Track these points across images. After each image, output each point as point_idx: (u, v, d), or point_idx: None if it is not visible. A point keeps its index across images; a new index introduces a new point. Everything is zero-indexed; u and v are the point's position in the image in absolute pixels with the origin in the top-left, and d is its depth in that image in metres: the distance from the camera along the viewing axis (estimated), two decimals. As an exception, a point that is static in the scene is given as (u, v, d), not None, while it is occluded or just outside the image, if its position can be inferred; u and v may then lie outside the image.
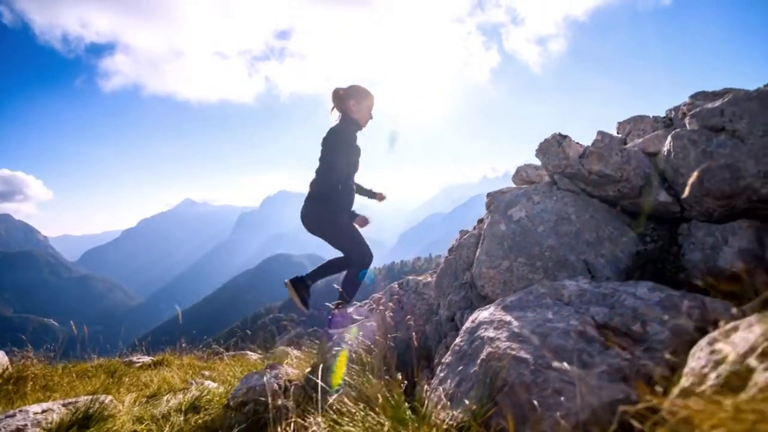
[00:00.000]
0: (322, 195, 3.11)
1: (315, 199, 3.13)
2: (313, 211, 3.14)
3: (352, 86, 3.19)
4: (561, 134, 2.82)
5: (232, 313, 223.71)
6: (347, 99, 3.14)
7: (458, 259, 3.03)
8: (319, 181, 3.13)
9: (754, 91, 2.20)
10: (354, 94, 3.14)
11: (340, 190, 3.09)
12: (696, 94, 2.85)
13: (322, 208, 3.11)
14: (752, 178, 2.05)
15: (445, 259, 3.23)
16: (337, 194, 3.11)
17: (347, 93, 3.15)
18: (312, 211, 3.14)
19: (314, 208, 3.13)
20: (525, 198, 2.64)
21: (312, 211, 3.14)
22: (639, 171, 2.48)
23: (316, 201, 3.12)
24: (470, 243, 2.98)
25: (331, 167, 3.04)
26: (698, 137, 2.27)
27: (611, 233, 2.48)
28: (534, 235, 2.44)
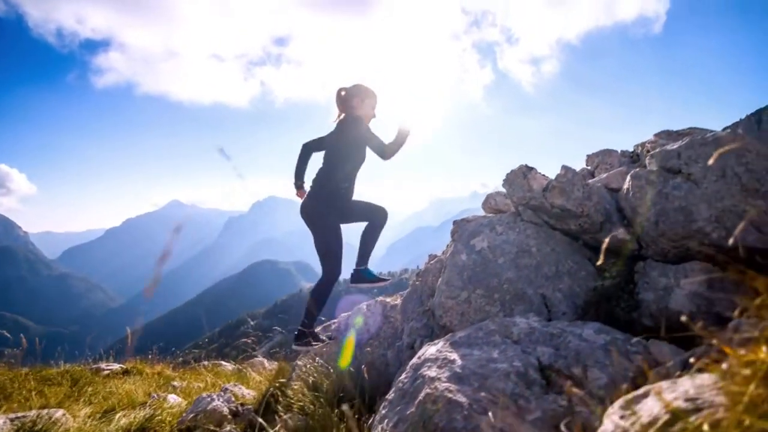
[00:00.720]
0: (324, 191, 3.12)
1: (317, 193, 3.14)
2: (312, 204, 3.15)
3: (356, 85, 3.21)
4: (527, 166, 2.85)
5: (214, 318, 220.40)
6: (351, 98, 3.16)
7: (424, 284, 3.03)
8: (323, 177, 3.14)
9: (710, 135, 2.26)
10: (358, 93, 3.16)
11: (343, 189, 3.11)
12: (660, 132, 2.92)
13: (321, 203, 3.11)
14: (704, 222, 2.09)
15: (412, 284, 3.22)
16: (339, 192, 3.12)
17: (350, 92, 3.18)
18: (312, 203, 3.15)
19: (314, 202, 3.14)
20: (488, 228, 2.66)
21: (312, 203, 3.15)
22: (599, 207, 2.51)
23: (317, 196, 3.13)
24: (436, 269, 2.98)
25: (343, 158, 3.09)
26: (656, 178, 2.31)
27: (571, 267, 2.50)
28: (494, 266, 2.45)
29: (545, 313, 2.30)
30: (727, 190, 2.07)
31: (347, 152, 3.08)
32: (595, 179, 2.90)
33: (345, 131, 3.09)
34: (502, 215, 2.79)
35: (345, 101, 3.18)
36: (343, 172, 3.10)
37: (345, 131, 3.09)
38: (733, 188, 2.06)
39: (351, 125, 3.06)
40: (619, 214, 2.51)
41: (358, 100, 3.15)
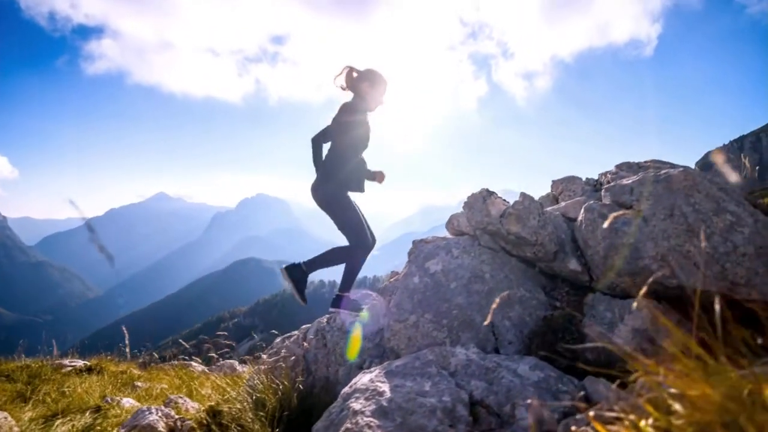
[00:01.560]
0: (330, 169, 3.13)
1: (323, 173, 3.15)
2: (320, 185, 3.15)
3: (368, 69, 3.21)
4: (488, 190, 2.84)
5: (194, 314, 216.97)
6: (361, 81, 3.16)
7: (381, 303, 2.99)
8: (328, 155, 3.16)
9: (663, 173, 2.28)
10: (369, 77, 3.17)
11: (347, 163, 3.11)
12: (621, 164, 2.94)
13: (329, 183, 3.12)
14: (650, 259, 2.10)
15: (370, 303, 3.18)
16: (345, 168, 3.12)
17: (362, 75, 3.18)
18: (320, 184, 3.16)
19: (322, 182, 3.15)
20: (445, 251, 2.64)
21: (320, 185, 3.16)
22: (553, 237, 2.51)
23: (324, 175, 3.14)
24: (395, 288, 2.95)
25: (343, 141, 3.10)
26: (608, 212, 2.32)
27: (522, 295, 2.49)
28: (445, 291, 2.43)
29: (492, 341, 2.28)
30: (673, 230, 2.09)
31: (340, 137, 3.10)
32: (554, 207, 2.91)
33: (335, 117, 3.11)
34: (460, 238, 2.78)
35: (355, 83, 3.18)
36: (344, 157, 3.10)
37: (335, 117, 3.11)
38: (680, 228, 2.08)
39: (340, 111, 3.07)
40: (574, 244, 2.52)
41: (368, 84, 3.16)
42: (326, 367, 3.30)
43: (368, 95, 3.17)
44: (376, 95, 3.20)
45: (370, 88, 3.16)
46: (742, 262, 1.96)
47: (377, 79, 3.18)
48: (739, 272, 1.94)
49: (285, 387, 2.74)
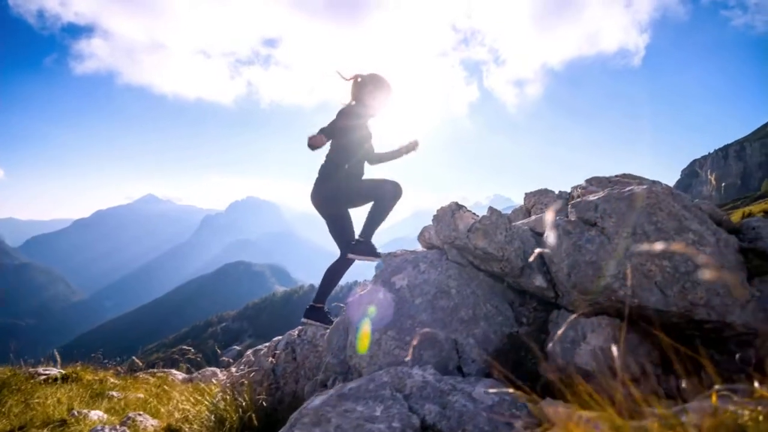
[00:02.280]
0: (327, 173, 3.12)
1: (323, 184, 3.14)
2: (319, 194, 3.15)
3: (373, 74, 3.20)
4: (457, 204, 2.82)
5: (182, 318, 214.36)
6: (365, 85, 3.16)
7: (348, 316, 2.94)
8: (327, 160, 3.15)
9: (627, 190, 2.27)
10: (372, 82, 3.17)
11: (346, 169, 3.10)
12: (591, 178, 2.93)
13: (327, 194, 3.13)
14: (612, 278, 2.08)
15: (341, 315, 3.13)
16: (343, 174, 3.11)
17: (365, 80, 3.17)
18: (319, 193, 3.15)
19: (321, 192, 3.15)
20: (412, 265, 2.60)
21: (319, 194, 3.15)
22: (520, 252, 2.49)
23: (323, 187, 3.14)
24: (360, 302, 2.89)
25: (340, 146, 3.10)
26: (573, 229, 2.30)
27: (488, 311, 2.46)
28: (410, 307, 2.39)
29: (455, 359, 2.24)
30: (635, 247, 2.07)
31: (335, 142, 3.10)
32: (523, 221, 2.89)
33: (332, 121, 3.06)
34: (428, 252, 2.74)
35: (358, 88, 3.17)
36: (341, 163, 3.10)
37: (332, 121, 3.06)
38: (642, 247, 2.06)
39: (337, 116, 3.04)
40: (541, 260, 2.49)
41: (371, 89, 3.15)
42: (295, 382, 3.24)
43: (371, 100, 3.17)
44: (379, 100, 3.20)
45: (373, 92, 3.16)
46: (701, 282, 1.94)
47: (381, 85, 3.18)
48: (698, 292, 1.92)
49: (247, 404, 2.67)
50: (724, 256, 2.03)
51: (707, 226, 2.17)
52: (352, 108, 3.12)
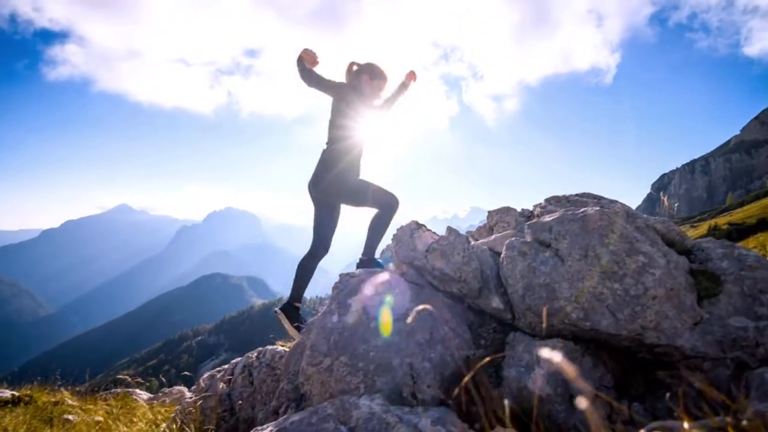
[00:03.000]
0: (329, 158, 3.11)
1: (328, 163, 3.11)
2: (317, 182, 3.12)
3: (369, 63, 3.25)
4: (417, 223, 2.78)
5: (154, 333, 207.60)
6: (361, 73, 3.21)
7: (308, 339, 2.84)
8: (331, 146, 3.15)
9: (581, 212, 2.27)
10: (368, 71, 3.21)
11: (345, 151, 3.10)
12: (550, 197, 2.94)
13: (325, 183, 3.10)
14: (565, 301, 2.06)
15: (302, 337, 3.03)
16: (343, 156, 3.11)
17: (362, 68, 3.23)
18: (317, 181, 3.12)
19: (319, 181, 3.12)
20: (369, 286, 2.53)
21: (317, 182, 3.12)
22: (477, 273, 2.45)
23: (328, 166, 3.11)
24: (312, 326, 2.80)
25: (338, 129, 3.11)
26: (528, 250, 2.29)
27: (446, 334, 2.40)
28: (365, 331, 2.31)
29: (410, 385, 2.17)
30: (587, 271, 2.06)
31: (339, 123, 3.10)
32: (483, 241, 2.87)
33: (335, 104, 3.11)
34: (387, 272, 2.68)
35: (354, 76, 3.22)
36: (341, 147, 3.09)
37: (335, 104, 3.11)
38: (594, 269, 2.05)
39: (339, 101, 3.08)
40: (498, 281, 2.46)
41: (367, 77, 3.19)
42: (251, 408, 3.10)
43: (366, 88, 3.21)
44: (374, 89, 3.24)
45: (369, 80, 3.20)
46: (652, 305, 1.94)
47: (376, 73, 3.22)
48: (648, 316, 1.92)
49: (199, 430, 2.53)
50: (675, 278, 2.04)
51: (658, 248, 2.18)
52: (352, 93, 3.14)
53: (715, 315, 2.00)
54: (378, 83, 3.23)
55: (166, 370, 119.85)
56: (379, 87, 3.26)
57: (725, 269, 2.14)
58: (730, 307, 2.01)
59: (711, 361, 1.86)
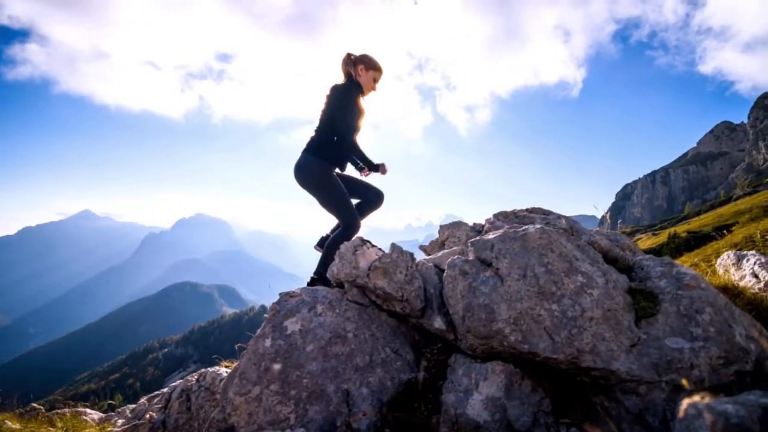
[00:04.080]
0: (318, 146, 3.14)
1: (311, 150, 3.14)
2: (307, 164, 3.13)
3: (365, 54, 3.29)
4: (361, 239, 2.68)
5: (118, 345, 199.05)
6: (357, 63, 3.25)
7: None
8: (318, 134, 3.19)
9: (521, 230, 2.22)
10: (364, 61, 3.26)
11: (336, 141, 3.13)
12: (498, 213, 2.90)
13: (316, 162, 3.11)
14: (503, 323, 1.99)
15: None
16: (334, 146, 3.13)
17: (358, 58, 3.27)
18: (307, 163, 3.13)
19: (309, 160, 3.13)
20: (308, 307, 2.40)
21: (307, 164, 3.13)
22: (420, 292, 2.37)
23: (312, 152, 3.14)
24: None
25: (332, 120, 3.14)
26: (469, 269, 2.22)
27: (387, 356, 2.30)
28: (300, 355, 2.18)
29: (345, 413, 2.05)
30: (525, 291, 2.00)
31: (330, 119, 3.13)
32: (429, 257, 2.80)
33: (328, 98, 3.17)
34: (329, 291, 2.56)
35: (351, 65, 3.27)
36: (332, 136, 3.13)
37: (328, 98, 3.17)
38: (531, 290, 2.00)
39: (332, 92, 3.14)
40: (443, 299, 2.38)
41: (362, 67, 3.25)
42: (187, 435, 2.90)
43: (362, 78, 3.26)
44: (368, 80, 3.28)
45: (365, 71, 3.25)
46: (589, 327, 1.90)
47: (372, 64, 3.28)
48: (585, 338, 1.87)
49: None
50: (613, 298, 2.01)
51: (598, 267, 2.15)
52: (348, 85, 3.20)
53: (653, 335, 1.98)
54: (373, 74, 3.29)
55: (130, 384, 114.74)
56: (375, 78, 3.31)
57: (663, 288, 2.13)
58: (667, 327, 1.99)
59: (646, 384, 1.82)
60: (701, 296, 2.06)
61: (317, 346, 2.22)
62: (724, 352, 1.89)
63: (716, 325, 1.95)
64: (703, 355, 1.86)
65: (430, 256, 2.94)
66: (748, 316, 2.12)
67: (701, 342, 1.92)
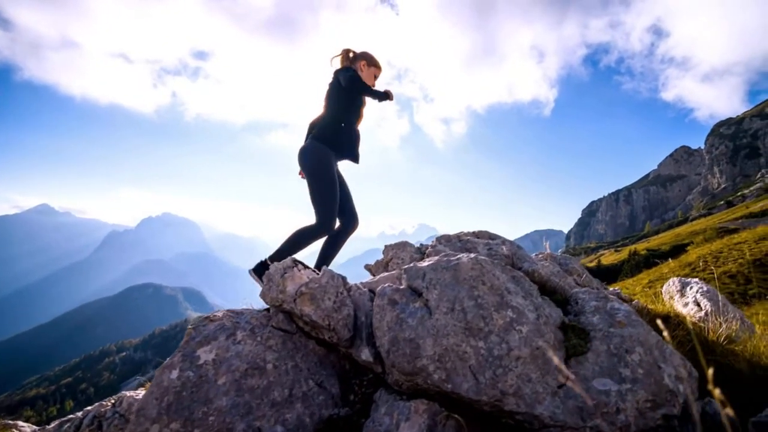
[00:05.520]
0: (322, 131, 3.08)
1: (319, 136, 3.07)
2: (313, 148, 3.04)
3: (365, 51, 3.31)
4: (294, 260, 2.51)
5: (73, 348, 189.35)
6: (358, 59, 3.27)
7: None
8: (322, 120, 3.15)
9: (454, 259, 2.12)
10: (366, 57, 3.28)
11: (342, 127, 3.08)
12: (440, 237, 2.80)
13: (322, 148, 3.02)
14: (428, 359, 1.87)
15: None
16: (339, 132, 3.09)
17: (359, 55, 3.29)
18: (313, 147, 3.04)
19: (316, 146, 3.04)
20: (227, 334, 2.21)
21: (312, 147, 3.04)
22: (349, 321, 2.22)
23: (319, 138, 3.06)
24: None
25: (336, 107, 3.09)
26: (399, 298, 2.09)
27: (309, 389, 2.13)
28: (210, 389, 1.99)
29: (254, 455, 1.87)
30: (453, 326, 1.89)
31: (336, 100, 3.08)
32: (366, 281, 2.66)
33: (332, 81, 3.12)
34: (254, 315, 2.38)
35: (351, 62, 3.27)
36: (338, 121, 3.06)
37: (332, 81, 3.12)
38: (459, 325, 1.89)
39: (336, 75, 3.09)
40: (371, 330, 2.24)
41: (364, 63, 3.26)
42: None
43: (363, 74, 3.26)
44: (369, 75, 3.29)
45: (366, 67, 3.26)
46: (515, 367, 1.80)
47: (372, 60, 3.29)
48: (509, 380, 1.77)
49: None
50: (543, 335, 1.92)
51: (532, 300, 2.07)
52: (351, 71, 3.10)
53: (581, 376, 1.90)
54: (374, 70, 3.31)
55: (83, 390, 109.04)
56: (375, 74, 3.32)
57: (595, 325, 2.07)
58: (597, 367, 1.92)
59: (570, 430, 1.73)
60: (632, 335, 2.01)
61: (231, 379, 2.03)
62: (651, 395, 1.82)
63: (645, 365, 1.89)
64: (630, 399, 1.79)
65: (369, 279, 2.80)
66: (678, 355, 2.08)
67: (629, 384, 1.85)
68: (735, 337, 3.05)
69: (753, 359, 2.62)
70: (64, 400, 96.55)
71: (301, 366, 2.21)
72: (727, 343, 2.91)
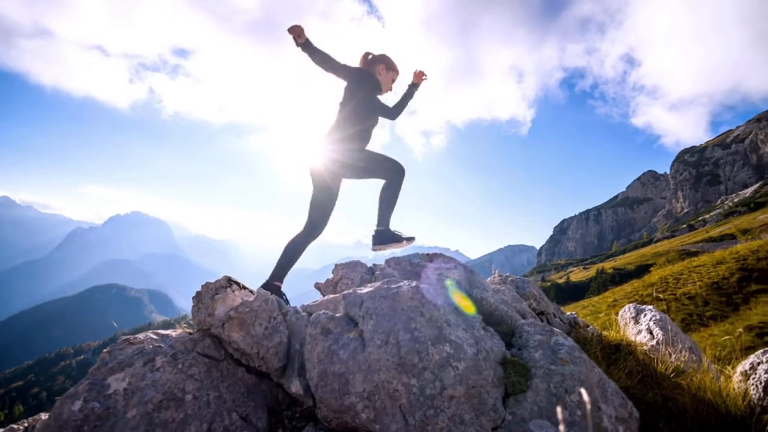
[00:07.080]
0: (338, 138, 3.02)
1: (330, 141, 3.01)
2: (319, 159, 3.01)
3: (385, 54, 3.26)
4: (229, 278, 2.34)
5: (26, 350, 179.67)
6: (377, 62, 3.23)
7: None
8: (338, 125, 3.08)
9: (395, 287, 2.00)
10: (384, 61, 3.24)
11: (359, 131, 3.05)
12: (389, 259, 2.68)
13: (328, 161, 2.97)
14: (357, 396, 1.74)
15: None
16: (354, 138, 3.04)
17: (377, 58, 3.25)
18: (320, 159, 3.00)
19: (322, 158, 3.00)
20: (144, 359, 2.02)
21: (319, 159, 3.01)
22: (281, 349, 2.07)
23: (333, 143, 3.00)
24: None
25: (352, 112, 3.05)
26: (333, 327, 1.96)
27: (232, 423, 1.96)
28: (117, 423, 1.79)
29: (158, 501, 1.68)
30: (385, 361, 1.77)
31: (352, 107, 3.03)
32: (307, 304, 2.52)
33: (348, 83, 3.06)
34: (179, 340, 2.19)
35: (369, 64, 3.23)
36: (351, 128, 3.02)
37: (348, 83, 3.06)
38: (392, 360, 1.76)
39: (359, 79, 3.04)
40: (300, 360, 2.10)
41: (383, 67, 3.21)
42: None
43: (381, 78, 3.22)
44: (388, 78, 3.25)
45: (384, 70, 3.22)
46: (447, 408, 1.68)
47: (392, 65, 3.25)
48: (440, 421, 1.65)
49: None
50: (480, 372, 1.82)
51: (473, 333, 1.97)
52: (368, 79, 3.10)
53: (518, 416, 1.80)
54: (392, 74, 3.27)
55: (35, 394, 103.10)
56: (393, 78, 3.29)
57: (537, 361, 1.99)
58: (535, 407, 1.83)
59: (501, 477, 1.63)
60: (573, 373, 1.93)
61: (142, 411, 1.84)
62: (589, 438, 1.74)
63: (584, 407, 1.81)
64: (566, 443, 1.71)
65: (318, 300, 2.65)
66: (620, 395, 2.01)
67: (566, 427, 1.77)
68: (684, 368, 3.04)
69: (698, 393, 2.59)
70: (14, 405, 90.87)
71: (226, 397, 2.04)
72: (675, 375, 2.89)
